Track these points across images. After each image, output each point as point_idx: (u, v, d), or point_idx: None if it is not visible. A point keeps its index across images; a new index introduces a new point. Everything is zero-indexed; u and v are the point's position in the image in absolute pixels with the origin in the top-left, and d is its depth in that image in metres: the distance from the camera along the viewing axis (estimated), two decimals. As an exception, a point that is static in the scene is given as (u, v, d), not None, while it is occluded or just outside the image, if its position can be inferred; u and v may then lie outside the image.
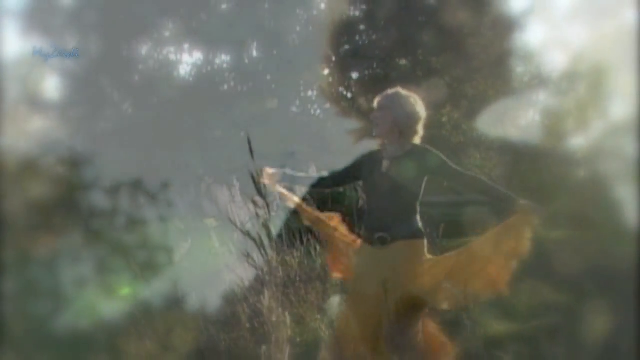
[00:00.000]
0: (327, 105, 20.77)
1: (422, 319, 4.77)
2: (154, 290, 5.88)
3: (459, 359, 4.95)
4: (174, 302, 5.84)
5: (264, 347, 4.51)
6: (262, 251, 4.93)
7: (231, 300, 5.82)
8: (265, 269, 4.75)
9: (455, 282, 4.66)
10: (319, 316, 5.74)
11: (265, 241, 4.92)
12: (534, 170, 11.88)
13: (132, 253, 6.40)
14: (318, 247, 6.56)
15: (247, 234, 5.09)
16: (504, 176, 12.21)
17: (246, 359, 5.06)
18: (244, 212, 5.89)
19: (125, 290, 6.01)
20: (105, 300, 5.83)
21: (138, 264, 6.05)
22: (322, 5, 23.36)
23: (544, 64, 14.34)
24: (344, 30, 16.28)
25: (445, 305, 4.74)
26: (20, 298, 5.63)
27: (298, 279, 6.23)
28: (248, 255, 5.17)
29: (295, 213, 5.07)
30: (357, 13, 16.34)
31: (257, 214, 4.98)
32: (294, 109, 24.84)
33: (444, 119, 14.19)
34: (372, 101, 4.81)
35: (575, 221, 7.99)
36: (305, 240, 6.65)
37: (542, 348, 5.47)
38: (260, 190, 4.70)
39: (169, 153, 21.62)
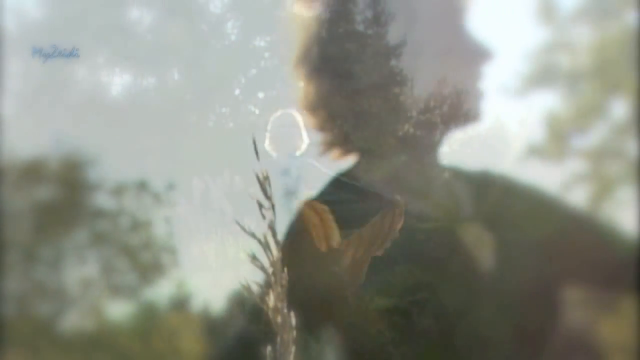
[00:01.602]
0: (239, 120, 21.01)
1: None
2: (159, 291, 5.77)
3: (344, 329, 5.28)
4: (179, 303, 5.74)
5: (269, 348, 4.28)
6: (268, 252, 4.58)
7: (235, 300, 5.77)
8: (271, 270, 4.50)
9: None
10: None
11: (271, 242, 4.54)
12: (413, 171, 12.34)
13: (136, 253, 6.25)
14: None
15: (253, 234, 4.87)
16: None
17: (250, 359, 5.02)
18: (247, 213, 5.68)
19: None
20: (110, 301, 5.72)
21: (142, 264, 5.94)
22: (232, 37, 23.63)
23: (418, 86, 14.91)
24: (251, 57, 16.65)
25: None
26: (22, 298, 5.54)
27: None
28: (253, 256, 4.99)
29: None
30: (262, 43, 16.69)
31: (262, 215, 4.68)
32: (210, 124, 25.02)
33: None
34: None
35: (442, 214, 8.41)
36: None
37: (414, 319, 5.85)
38: (265, 191, 4.49)
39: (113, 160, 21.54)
